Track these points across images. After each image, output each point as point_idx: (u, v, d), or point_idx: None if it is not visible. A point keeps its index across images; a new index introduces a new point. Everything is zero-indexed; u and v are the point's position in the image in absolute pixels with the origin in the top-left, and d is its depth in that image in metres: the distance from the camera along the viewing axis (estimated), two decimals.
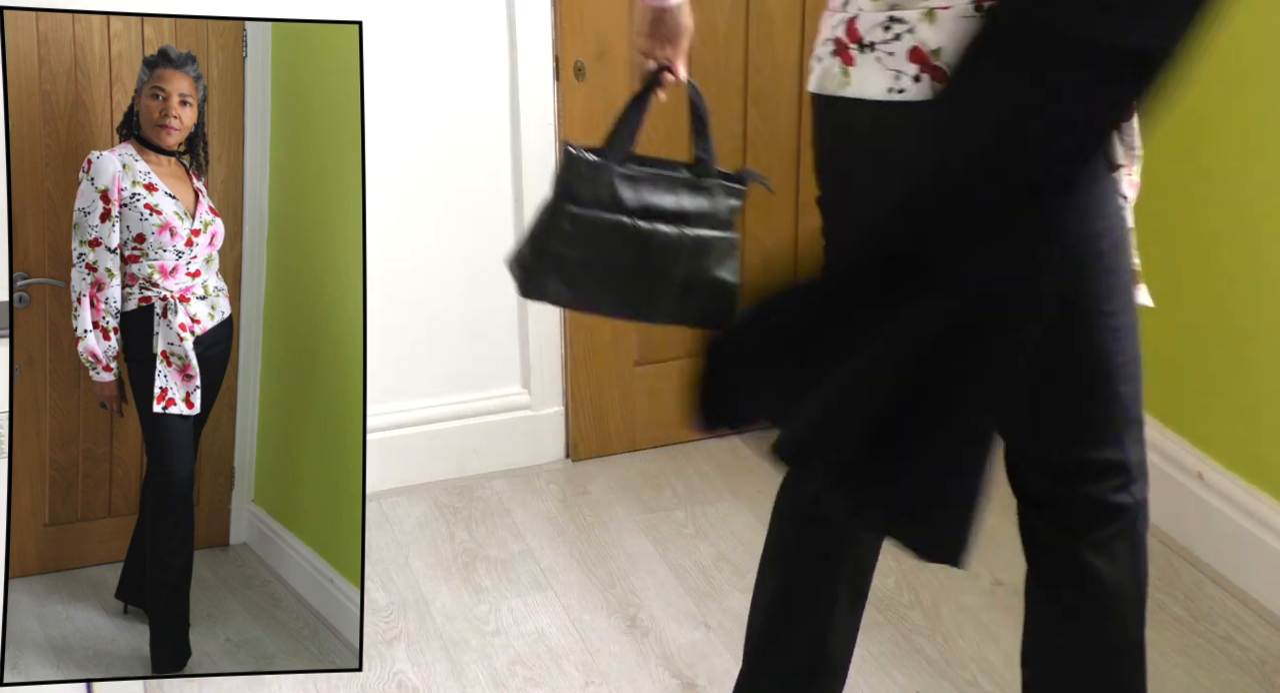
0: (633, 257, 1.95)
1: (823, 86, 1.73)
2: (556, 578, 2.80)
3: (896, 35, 1.64)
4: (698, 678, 2.52)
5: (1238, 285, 2.66)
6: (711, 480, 3.12)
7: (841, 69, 1.69)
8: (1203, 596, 2.70)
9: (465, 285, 3.03)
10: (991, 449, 1.71)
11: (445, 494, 3.09)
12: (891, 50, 1.64)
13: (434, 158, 2.91)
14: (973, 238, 1.58)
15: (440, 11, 2.82)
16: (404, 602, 2.73)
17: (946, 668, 2.52)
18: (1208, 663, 2.52)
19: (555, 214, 1.95)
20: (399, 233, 2.90)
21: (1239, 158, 2.62)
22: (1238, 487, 2.70)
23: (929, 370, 1.63)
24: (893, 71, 1.64)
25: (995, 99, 1.56)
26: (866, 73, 1.66)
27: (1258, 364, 2.64)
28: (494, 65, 2.89)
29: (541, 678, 2.52)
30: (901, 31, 1.63)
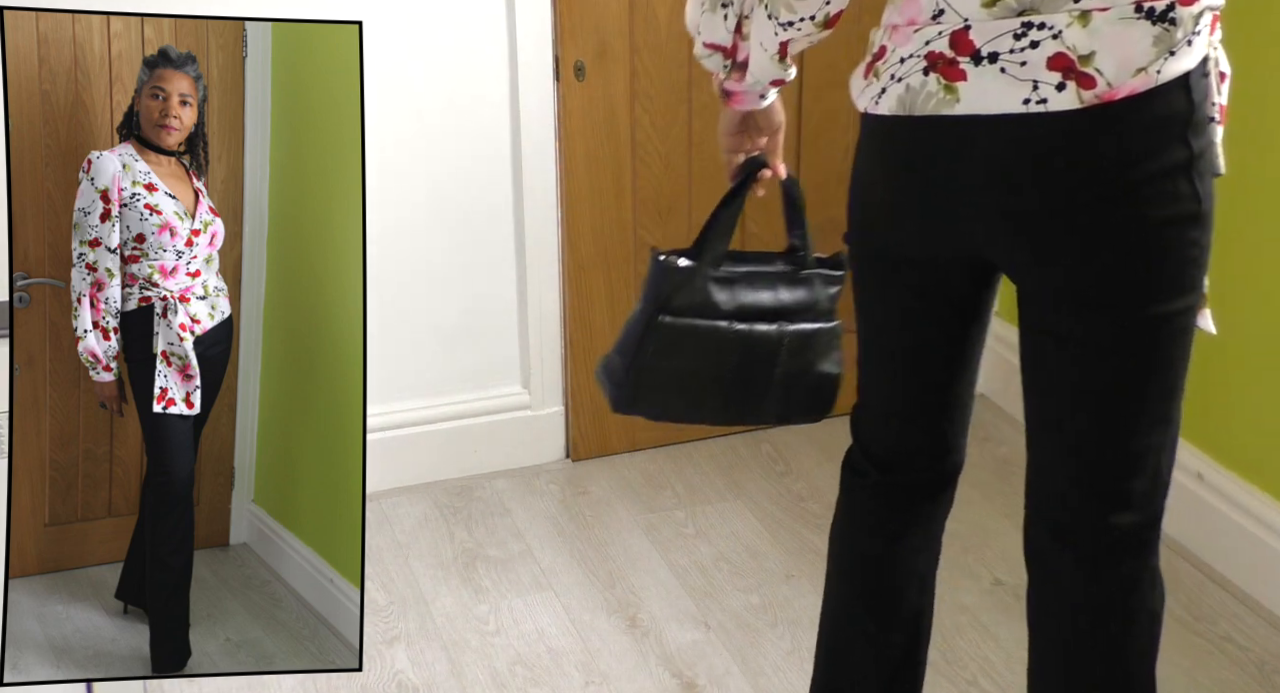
0: (732, 361, 1.87)
1: (910, 108, 1.62)
2: (556, 578, 2.80)
3: (1034, 42, 1.53)
4: (698, 678, 2.52)
5: (1238, 286, 2.66)
6: (711, 480, 3.12)
7: (943, 86, 1.58)
8: (1203, 596, 2.70)
9: (465, 285, 3.03)
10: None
11: (445, 494, 3.09)
12: (1024, 59, 1.54)
13: (434, 158, 2.91)
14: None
15: (440, 11, 2.82)
16: (404, 602, 2.73)
17: (946, 668, 2.52)
18: (1208, 663, 2.52)
19: (649, 326, 1.85)
20: (399, 233, 2.90)
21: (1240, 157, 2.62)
22: (1238, 487, 2.70)
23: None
24: (1028, 82, 1.54)
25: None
26: (987, 86, 1.56)
27: (1258, 365, 2.64)
28: (494, 65, 2.89)
29: (541, 678, 2.52)
30: (1042, 38, 1.53)
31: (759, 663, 2.54)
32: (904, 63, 1.61)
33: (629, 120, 2.98)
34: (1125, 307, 1.62)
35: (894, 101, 1.63)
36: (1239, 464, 2.71)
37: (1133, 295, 1.62)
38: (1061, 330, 1.66)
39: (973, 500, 3.01)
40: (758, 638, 2.60)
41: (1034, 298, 1.69)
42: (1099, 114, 1.53)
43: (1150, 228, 1.58)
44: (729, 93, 1.84)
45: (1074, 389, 1.68)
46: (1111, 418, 1.69)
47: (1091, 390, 1.67)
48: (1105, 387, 1.67)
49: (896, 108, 1.63)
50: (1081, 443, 1.71)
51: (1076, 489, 1.73)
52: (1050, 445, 1.75)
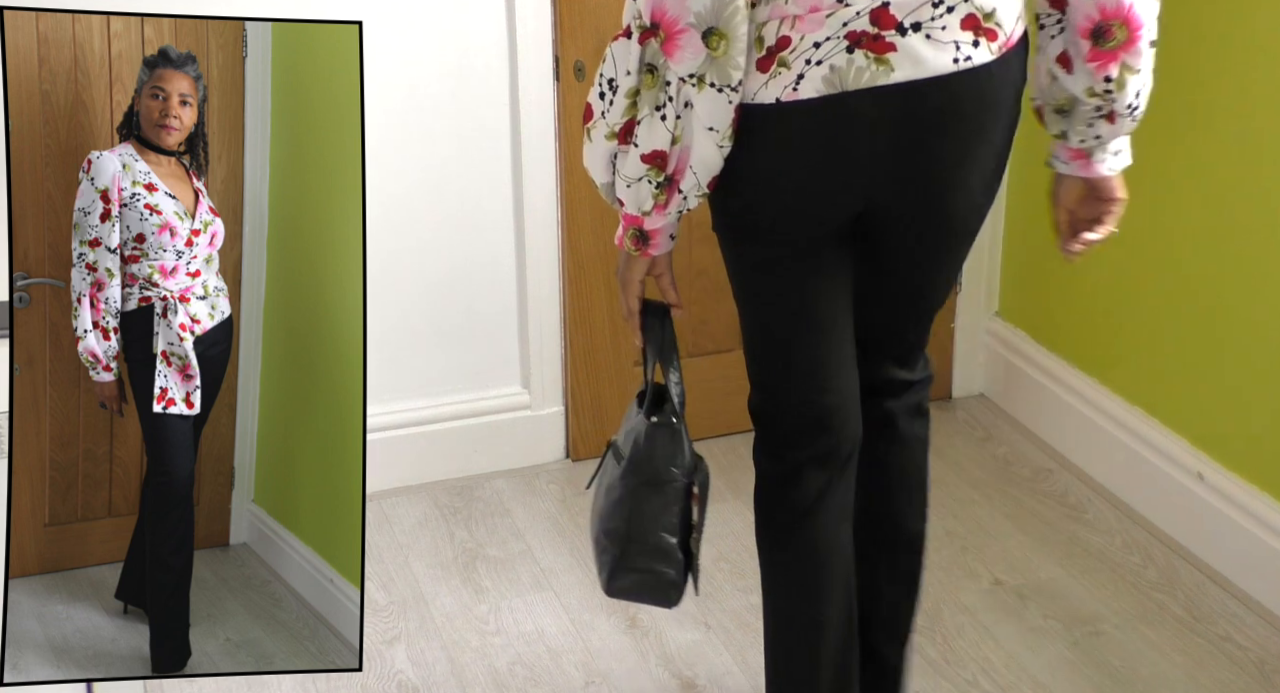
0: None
1: (842, 85, 1.73)
2: (556, 578, 2.80)
3: (950, 8, 1.72)
4: (698, 678, 2.52)
5: (1238, 286, 2.66)
6: (712, 480, 3.11)
7: (873, 60, 1.72)
8: (1203, 596, 2.70)
9: (465, 286, 3.03)
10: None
11: (445, 494, 3.09)
12: (944, 24, 1.72)
13: (434, 158, 2.91)
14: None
15: (440, 11, 2.82)
16: (404, 602, 2.73)
17: (946, 668, 2.52)
18: (1207, 663, 2.52)
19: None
20: (399, 233, 2.90)
21: (1234, 157, 2.62)
22: (1238, 487, 2.70)
23: None
24: (951, 43, 1.73)
25: None
26: (919, 53, 1.72)
27: (1258, 365, 2.64)
28: (494, 65, 2.89)
29: (541, 678, 2.52)
30: (955, 3, 1.72)
31: (759, 663, 2.54)
32: (819, 47, 1.72)
33: None
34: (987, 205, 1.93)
35: (819, 83, 1.73)
36: (1239, 464, 2.71)
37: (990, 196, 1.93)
38: (936, 245, 1.94)
39: (973, 500, 3.01)
40: (758, 638, 2.59)
41: (907, 232, 1.90)
42: (1003, 60, 1.77)
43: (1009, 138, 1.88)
44: (647, 236, 1.90)
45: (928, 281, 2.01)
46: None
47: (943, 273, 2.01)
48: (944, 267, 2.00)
49: (824, 88, 1.73)
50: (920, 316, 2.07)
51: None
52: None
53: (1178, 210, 2.75)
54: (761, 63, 1.75)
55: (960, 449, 3.21)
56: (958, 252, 1.98)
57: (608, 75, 1.78)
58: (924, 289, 2.02)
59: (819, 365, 1.96)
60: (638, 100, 1.77)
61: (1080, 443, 3.09)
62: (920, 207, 1.86)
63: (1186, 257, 2.76)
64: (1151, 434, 2.89)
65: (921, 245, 1.93)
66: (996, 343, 3.36)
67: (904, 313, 2.05)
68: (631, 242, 1.91)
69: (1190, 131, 2.69)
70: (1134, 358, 2.95)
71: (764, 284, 1.93)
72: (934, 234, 1.91)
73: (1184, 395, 2.83)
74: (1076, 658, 2.54)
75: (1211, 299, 2.72)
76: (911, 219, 1.88)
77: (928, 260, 1.96)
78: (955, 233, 1.93)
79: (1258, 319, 2.62)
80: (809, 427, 1.99)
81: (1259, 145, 2.56)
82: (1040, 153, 1.96)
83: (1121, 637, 2.59)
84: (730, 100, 1.73)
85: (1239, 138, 2.61)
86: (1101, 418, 3.02)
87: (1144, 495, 2.92)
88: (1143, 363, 2.93)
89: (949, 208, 1.87)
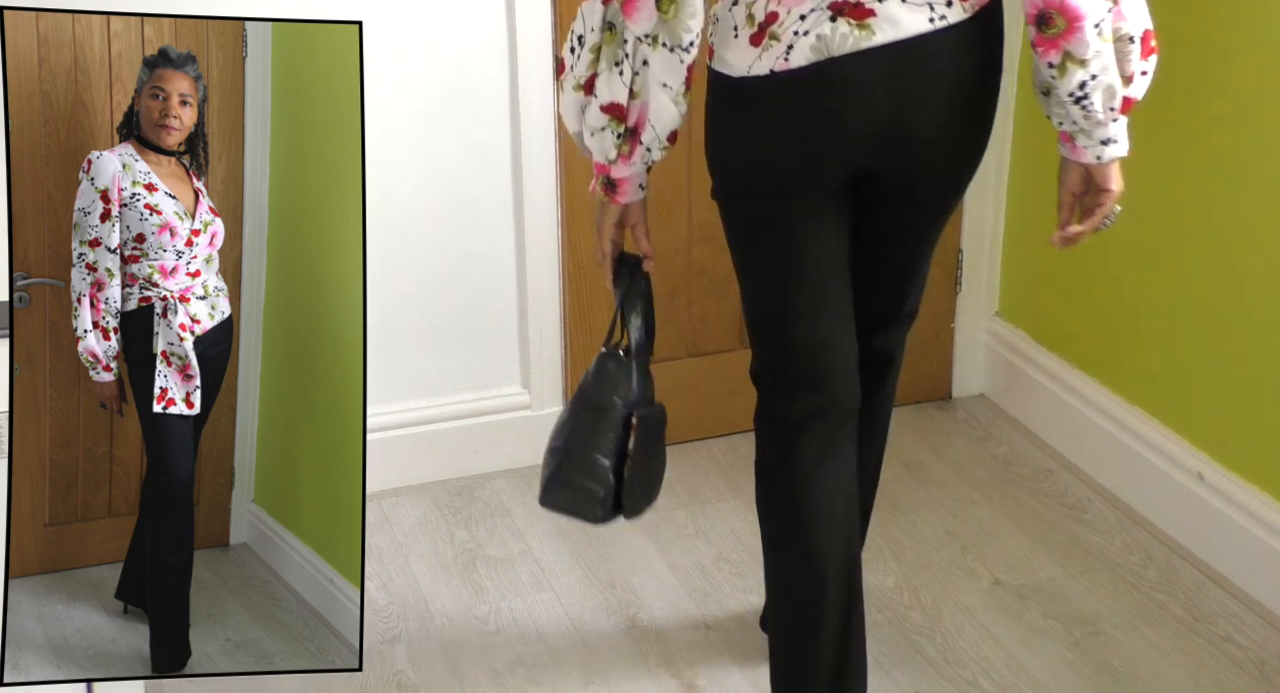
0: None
1: (829, 52, 1.87)
2: (556, 578, 2.80)
3: None
4: (698, 678, 2.52)
5: (1240, 286, 2.66)
6: (711, 480, 3.12)
7: (855, 26, 1.86)
8: (1203, 596, 2.70)
9: (465, 286, 3.03)
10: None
11: (445, 494, 3.09)
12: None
13: (434, 158, 2.91)
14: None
15: (440, 11, 2.82)
16: (404, 602, 2.73)
17: (946, 668, 2.53)
18: (1207, 663, 2.52)
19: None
20: (399, 233, 2.90)
21: (1235, 157, 2.62)
22: (1238, 487, 2.70)
23: None
24: (925, 5, 1.87)
25: None
26: (897, 17, 1.86)
27: (1258, 364, 2.64)
28: (494, 65, 2.89)
29: (541, 678, 2.52)
30: None
31: (759, 663, 2.54)
32: (805, 19, 1.87)
33: None
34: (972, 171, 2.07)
35: (807, 52, 1.88)
36: (1239, 464, 2.71)
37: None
38: (929, 205, 2.08)
39: (973, 500, 3.01)
40: (758, 638, 2.60)
41: (899, 192, 2.03)
42: (977, 18, 1.90)
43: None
44: (615, 183, 2.05)
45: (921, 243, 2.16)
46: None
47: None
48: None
49: (812, 56, 1.88)
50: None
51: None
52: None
53: (1178, 210, 2.75)
54: (753, 38, 1.91)
55: (960, 449, 3.21)
56: (945, 211, 2.11)
57: (577, 32, 1.96)
58: (911, 259, 2.16)
59: (813, 328, 2.07)
60: (599, 55, 1.94)
61: (1080, 443, 3.09)
62: (909, 162, 1.98)
63: (1187, 257, 2.76)
64: (1151, 434, 2.89)
65: (913, 202, 2.06)
66: (996, 343, 3.36)
67: (890, 284, 2.18)
68: (602, 189, 2.07)
69: (1192, 132, 2.69)
70: (1134, 358, 2.95)
71: (761, 247, 2.05)
72: (925, 193, 2.05)
73: (1184, 395, 2.83)
74: (1076, 658, 2.54)
75: (1212, 299, 2.72)
76: (902, 176, 2.00)
77: (919, 222, 2.10)
78: (944, 189, 2.06)
79: (1258, 319, 2.62)
80: (802, 389, 2.09)
81: (1260, 146, 2.56)
82: (1040, 153, 1.97)
83: (1121, 637, 2.59)
84: (682, 60, 1.89)
85: (1240, 138, 2.61)
86: (1101, 418, 3.02)
87: (1144, 495, 2.92)
88: (1143, 363, 2.93)
89: (937, 163, 2.00)
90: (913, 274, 2.19)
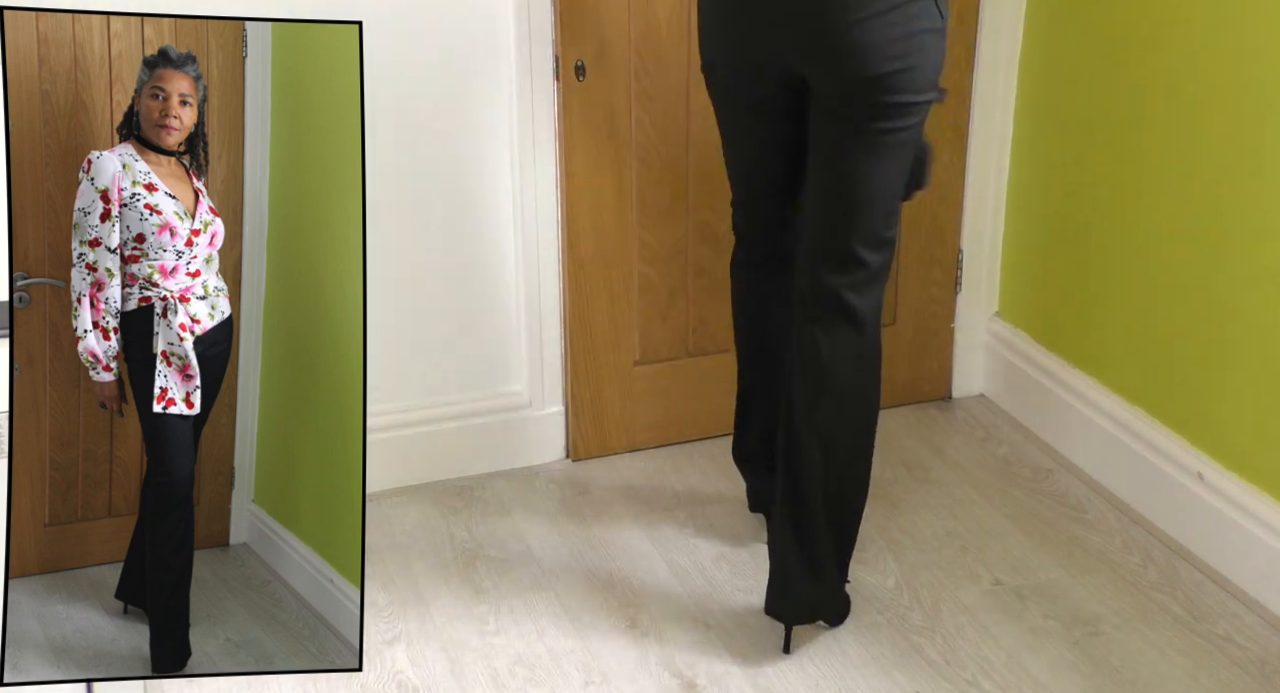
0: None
1: None
2: (556, 578, 2.80)
3: None
4: (698, 678, 2.52)
5: (1239, 286, 2.66)
6: (711, 480, 3.12)
7: None
8: (1203, 596, 2.70)
9: (465, 285, 3.03)
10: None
11: (445, 494, 3.09)
12: None
13: (434, 158, 2.91)
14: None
15: (440, 11, 2.82)
16: (404, 602, 2.73)
17: (946, 668, 2.53)
18: (1208, 663, 2.52)
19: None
20: (399, 232, 2.90)
21: (1234, 157, 2.62)
22: (1238, 487, 2.70)
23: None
24: None
25: None
26: None
27: (1258, 365, 2.64)
28: (494, 65, 2.89)
29: (541, 678, 2.52)
30: None
31: (759, 663, 2.54)
32: None
33: (629, 120, 2.98)
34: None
35: None
36: (1239, 464, 2.71)
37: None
38: (855, 116, 2.25)
39: (973, 501, 3.01)
40: (758, 638, 2.60)
41: (823, 102, 2.27)
42: None
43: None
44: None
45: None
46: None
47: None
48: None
49: None
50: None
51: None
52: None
53: (1177, 211, 2.75)
54: None
55: (960, 449, 3.21)
56: (880, 131, 2.25)
57: None
58: (846, 181, 2.30)
59: (748, 198, 2.60)
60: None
61: (1080, 443, 3.09)
62: (829, 64, 2.20)
63: (1187, 257, 2.76)
64: (1151, 434, 2.89)
65: (837, 113, 2.25)
66: (996, 343, 3.36)
67: (829, 205, 2.34)
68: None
69: (1189, 132, 2.69)
70: (1134, 358, 2.95)
71: (722, 131, 2.53)
72: (849, 104, 2.23)
73: (1184, 395, 2.83)
74: (1076, 658, 2.54)
75: (1212, 299, 2.72)
76: (831, 81, 2.22)
77: (850, 140, 2.27)
78: (871, 103, 2.21)
79: (1258, 319, 2.62)
80: (740, 240, 2.69)
81: (1259, 145, 2.56)
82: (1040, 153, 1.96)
83: (1121, 637, 2.59)
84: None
85: (1238, 138, 2.61)
86: (1101, 418, 3.02)
87: (1144, 495, 2.92)
88: (1143, 363, 2.93)
89: (855, 66, 2.18)
90: (854, 203, 2.30)
